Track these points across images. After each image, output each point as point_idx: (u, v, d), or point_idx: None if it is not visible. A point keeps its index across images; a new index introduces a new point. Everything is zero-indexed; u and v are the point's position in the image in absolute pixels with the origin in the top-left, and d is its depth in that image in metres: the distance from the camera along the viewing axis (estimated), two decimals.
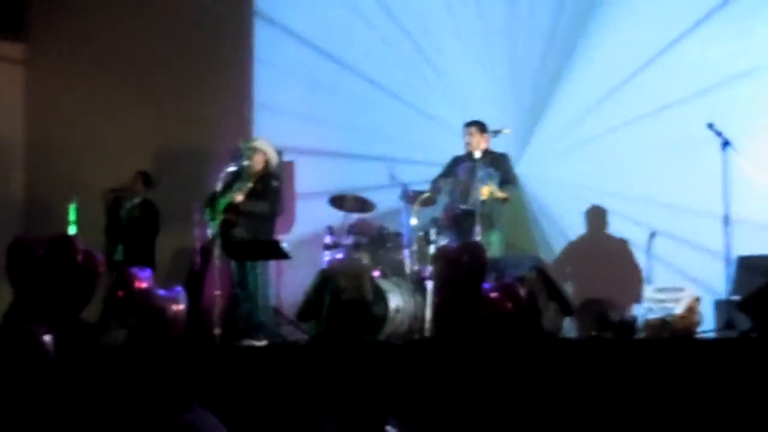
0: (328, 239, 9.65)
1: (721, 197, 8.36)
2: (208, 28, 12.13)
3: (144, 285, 4.83)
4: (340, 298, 8.87)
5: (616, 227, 9.92)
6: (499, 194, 9.12)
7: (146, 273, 4.86)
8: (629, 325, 8.21)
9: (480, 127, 9.38)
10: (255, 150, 9.75)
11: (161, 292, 7.34)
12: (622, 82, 9.96)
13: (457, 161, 9.52)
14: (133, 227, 10.71)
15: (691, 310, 8.17)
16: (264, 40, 11.94)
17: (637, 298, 8.69)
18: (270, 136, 10.48)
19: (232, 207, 9.53)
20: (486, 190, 8.99)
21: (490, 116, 9.63)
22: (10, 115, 13.24)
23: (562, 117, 10.24)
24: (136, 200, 10.79)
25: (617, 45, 9.99)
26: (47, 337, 3.16)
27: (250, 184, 9.63)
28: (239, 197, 9.56)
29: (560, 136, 10.24)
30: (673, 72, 9.73)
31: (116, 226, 10.74)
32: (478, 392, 5.57)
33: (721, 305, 8.29)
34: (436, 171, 9.63)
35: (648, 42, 9.86)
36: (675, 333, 7.96)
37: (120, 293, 6.15)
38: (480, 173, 9.02)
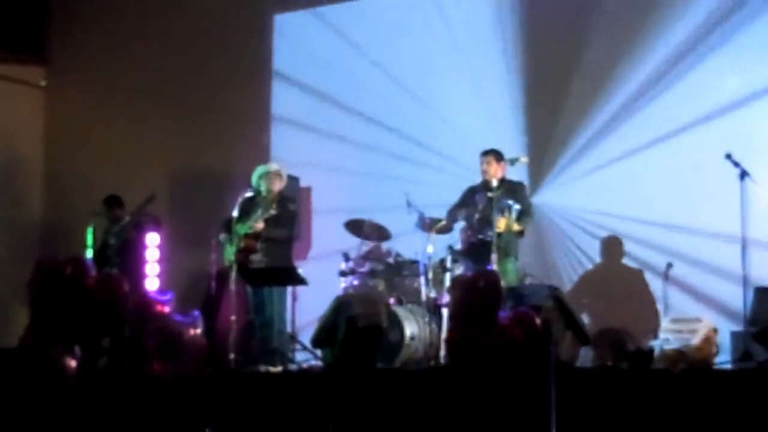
0: (343, 266, 9.65)
1: (740, 227, 8.34)
2: (227, 51, 12.19)
3: (165, 309, 4.81)
4: (356, 325, 8.85)
5: (633, 257, 9.88)
6: (516, 227, 9.08)
7: (167, 297, 4.85)
8: (646, 355, 8.17)
9: (497, 155, 9.36)
10: (275, 175, 9.76)
11: (178, 316, 7.36)
12: (639, 109, 9.96)
13: (473, 191, 9.50)
14: (123, 250, 10.72)
15: (708, 341, 8.13)
16: (283, 62, 11.99)
17: (654, 329, 8.65)
18: (286, 157, 10.52)
19: (251, 234, 9.52)
20: (503, 223, 8.95)
21: (506, 145, 9.64)
22: (30, 137, 13.33)
23: (579, 145, 10.23)
24: (124, 222, 10.79)
25: (635, 70, 9.99)
26: (70, 361, 3.16)
27: (270, 208, 9.62)
28: (260, 225, 9.55)
29: (577, 164, 10.23)
30: (690, 98, 9.71)
31: (103, 250, 10.74)
32: (492, 420, 5.56)
33: (738, 336, 8.25)
34: (451, 194, 9.65)
35: (665, 67, 9.85)
36: (692, 364, 7.92)
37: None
38: (498, 204, 8.98)
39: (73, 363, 3.20)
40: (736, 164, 8.46)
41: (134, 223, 10.75)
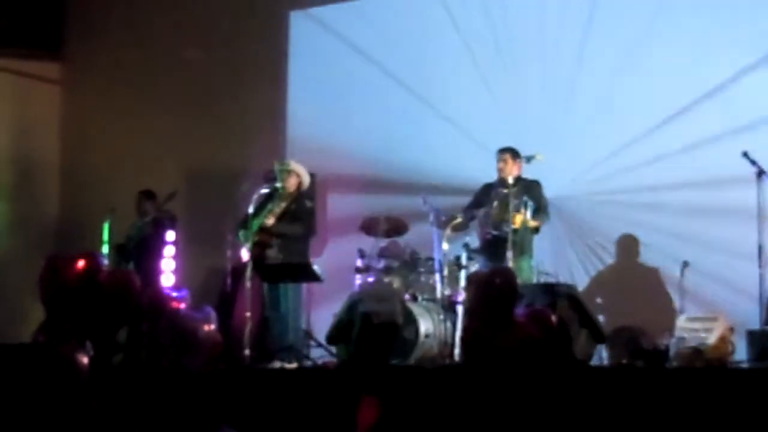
0: (359, 262, 9.65)
1: (756, 226, 8.31)
2: (243, 48, 12.20)
3: (180, 305, 4.81)
4: (371, 322, 8.85)
5: (649, 256, 9.85)
6: (531, 223, 9.08)
7: (183, 293, 4.84)
8: (661, 353, 8.16)
9: (513, 153, 9.35)
10: (289, 172, 9.80)
11: (191, 312, 7.37)
12: (659, 113, 9.93)
13: (488, 188, 9.50)
14: (142, 246, 10.77)
15: (724, 339, 8.11)
16: (298, 59, 12.00)
17: (670, 327, 8.63)
18: (302, 156, 10.52)
19: (265, 229, 9.58)
20: (518, 219, 8.96)
21: (523, 143, 9.63)
22: (46, 133, 13.37)
23: (597, 145, 10.19)
24: (147, 219, 10.86)
25: (651, 77, 9.95)
26: (82, 358, 3.16)
27: (283, 204, 9.67)
28: (271, 220, 9.61)
29: (594, 164, 10.20)
30: (707, 104, 9.68)
31: (126, 244, 10.80)
32: (508, 419, 5.54)
33: (754, 335, 8.22)
34: (467, 198, 9.64)
35: (683, 74, 9.82)
36: (707, 362, 7.90)
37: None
38: (514, 201, 8.99)
39: (85, 359, 3.19)
40: (753, 162, 8.44)
41: (155, 219, 10.82)
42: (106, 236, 10.49)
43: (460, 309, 8.56)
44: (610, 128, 10.13)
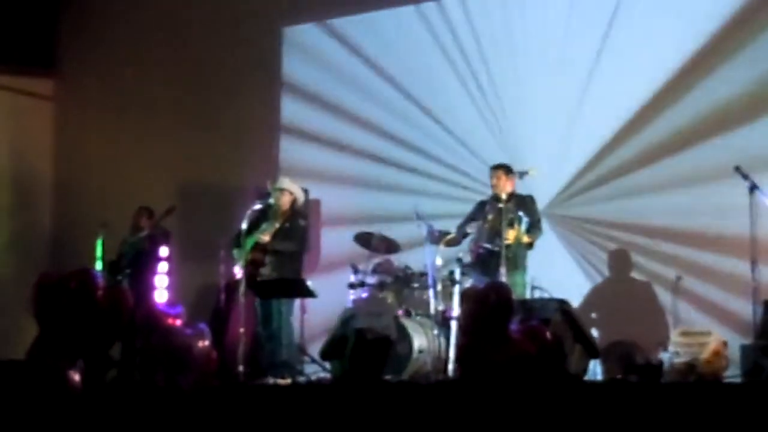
0: (352, 278, 9.65)
1: (749, 240, 8.32)
2: (236, 64, 12.21)
3: (175, 322, 4.82)
4: (364, 337, 8.84)
5: (642, 269, 9.86)
6: (525, 239, 9.10)
7: (177, 310, 4.84)
8: (655, 368, 8.16)
9: (506, 169, 9.38)
10: (283, 190, 9.82)
11: (185, 329, 7.37)
12: (648, 121, 9.94)
13: (483, 204, 9.53)
14: (137, 261, 10.76)
15: (718, 354, 8.11)
16: (291, 75, 12.01)
17: (663, 342, 8.63)
18: (295, 171, 10.53)
19: (259, 247, 9.58)
20: (512, 234, 8.98)
21: (513, 157, 9.65)
22: (39, 149, 13.37)
23: (588, 158, 10.21)
24: (142, 234, 10.85)
25: (644, 82, 9.97)
26: (74, 374, 3.16)
27: (278, 223, 9.68)
28: (266, 237, 9.61)
29: (587, 177, 10.22)
30: (700, 111, 9.69)
31: (118, 260, 10.80)
32: None
33: (747, 350, 8.22)
34: (460, 207, 9.65)
35: (674, 80, 9.84)
36: (701, 377, 7.90)
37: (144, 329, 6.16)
38: (508, 216, 9.00)
39: (77, 376, 3.19)
40: (745, 176, 8.45)
41: (151, 235, 10.81)
42: (99, 252, 10.48)
43: (453, 324, 8.55)
44: (605, 141, 10.15)
